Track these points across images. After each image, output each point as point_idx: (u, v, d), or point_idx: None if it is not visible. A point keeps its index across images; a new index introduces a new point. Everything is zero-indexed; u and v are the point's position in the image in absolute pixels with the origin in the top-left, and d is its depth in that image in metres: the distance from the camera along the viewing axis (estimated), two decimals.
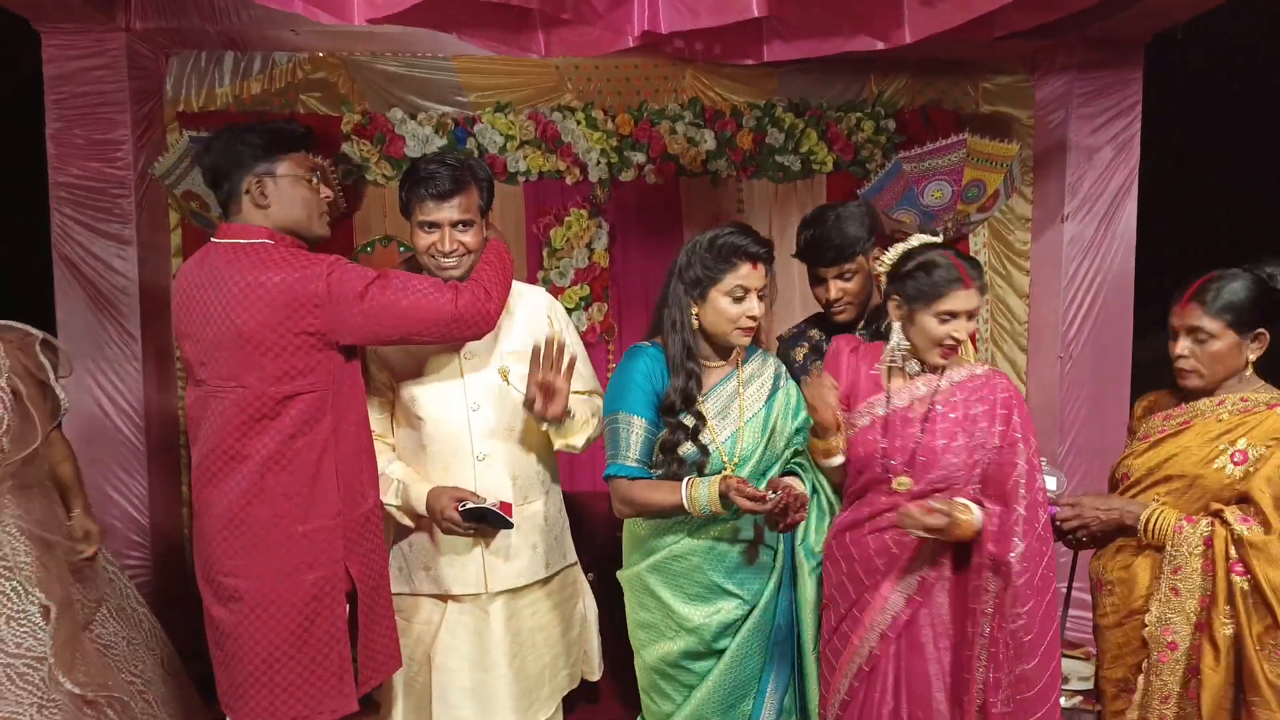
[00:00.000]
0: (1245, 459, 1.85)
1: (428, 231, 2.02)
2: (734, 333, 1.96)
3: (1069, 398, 3.66)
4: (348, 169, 3.41)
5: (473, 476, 2.09)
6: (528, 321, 2.18)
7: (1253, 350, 1.90)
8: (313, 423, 1.87)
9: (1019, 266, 3.80)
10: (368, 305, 1.85)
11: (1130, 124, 3.58)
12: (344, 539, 1.92)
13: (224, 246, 1.88)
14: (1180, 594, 1.86)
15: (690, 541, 1.99)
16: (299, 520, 1.87)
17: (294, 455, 1.86)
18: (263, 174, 1.88)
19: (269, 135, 1.90)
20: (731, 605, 1.99)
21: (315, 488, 1.88)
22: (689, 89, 3.54)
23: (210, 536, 1.89)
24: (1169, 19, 3.29)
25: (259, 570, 1.86)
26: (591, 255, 3.49)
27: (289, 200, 1.90)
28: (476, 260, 2.07)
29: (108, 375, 3.33)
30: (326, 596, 1.89)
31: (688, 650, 2.00)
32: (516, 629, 2.15)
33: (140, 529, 3.38)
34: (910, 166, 3.27)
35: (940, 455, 1.83)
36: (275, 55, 3.45)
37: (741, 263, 1.92)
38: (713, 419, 1.99)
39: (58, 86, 3.23)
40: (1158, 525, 1.87)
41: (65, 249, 3.29)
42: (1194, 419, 1.95)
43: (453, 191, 1.98)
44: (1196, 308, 1.89)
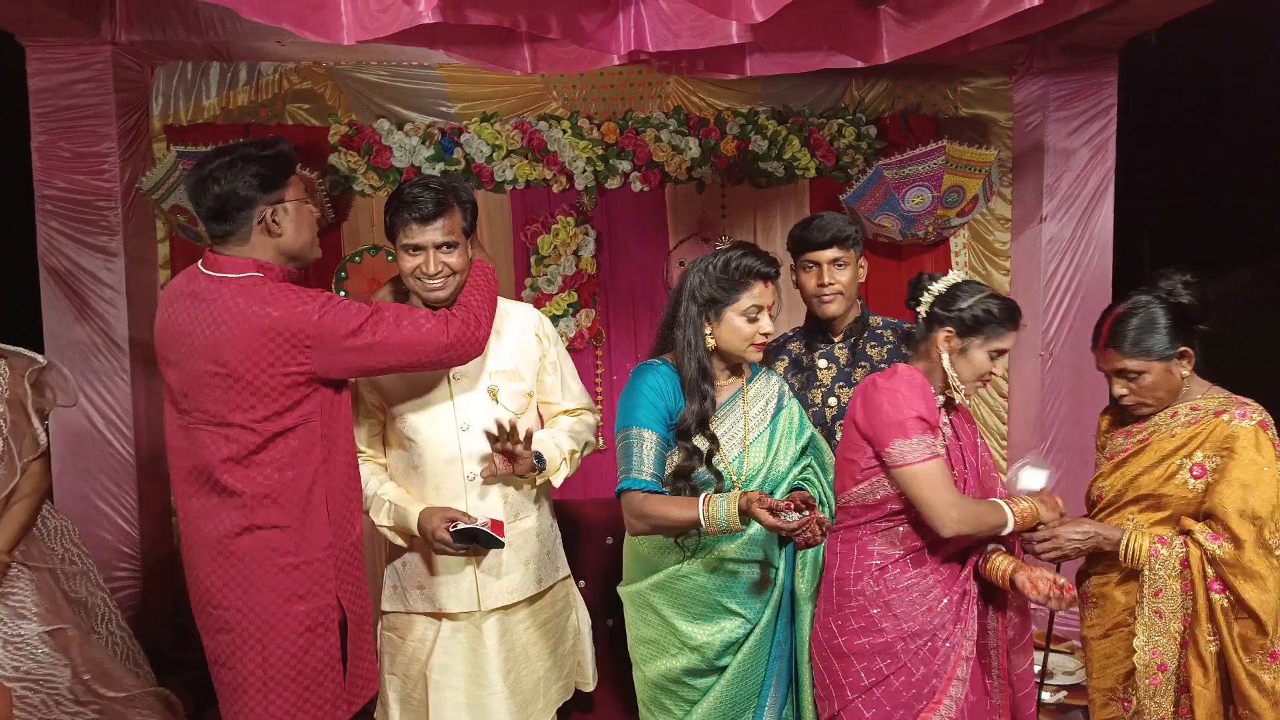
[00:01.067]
0: (1204, 471, 1.88)
1: (412, 254, 2.02)
2: (749, 350, 2.00)
3: (1050, 395, 3.72)
4: (335, 180, 3.42)
5: (464, 496, 2.11)
6: (517, 340, 2.20)
7: (1183, 368, 1.92)
8: (304, 455, 1.86)
9: (999, 266, 3.85)
10: (360, 343, 1.84)
11: (1106, 126, 3.65)
12: (335, 569, 1.91)
13: (213, 279, 1.84)
14: (1164, 616, 1.87)
15: (695, 561, 2.00)
16: (291, 553, 1.85)
17: (285, 488, 1.84)
18: (276, 203, 1.86)
19: (273, 161, 1.86)
20: (734, 624, 2.00)
21: (307, 520, 1.86)
22: (673, 97, 3.58)
23: (200, 568, 1.87)
24: (1138, 28, 3.37)
25: (250, 602, 1.84)
26: (579, 262, 3.52)
27: (300, 224, 1.89)
28: (463, 281, 2.07)
29: (95, 387, 3.33)
30: (320, 627, 1.89)
31: (690, 667, 2.02)
32: (510, 644, 2.17)
33: (130, 541, 3.38)
34: (891, 173, 3.33)
35: (988, 472, 1.95)
36: (261, 66, 3.46)
37: (755, 283, 1.97)
38: (721, 439, 2.02)
39: (43, 99, 3.23)
40: (1133, 551, 1.89)
41: (52, 261, 3.29)
42: (1151, 435, 1.97)
43: (436, 214, 1.99)
44: (1114, 353, 1.92)
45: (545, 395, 2.27)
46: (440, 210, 1.99)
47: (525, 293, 3.54)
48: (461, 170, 3.45)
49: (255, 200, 1.83)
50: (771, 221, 3.69)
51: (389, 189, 3.45)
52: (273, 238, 1.86)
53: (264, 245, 1.86)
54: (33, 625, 2.24)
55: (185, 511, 1.89)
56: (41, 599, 2.29)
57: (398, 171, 3.44)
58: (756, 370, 2.13)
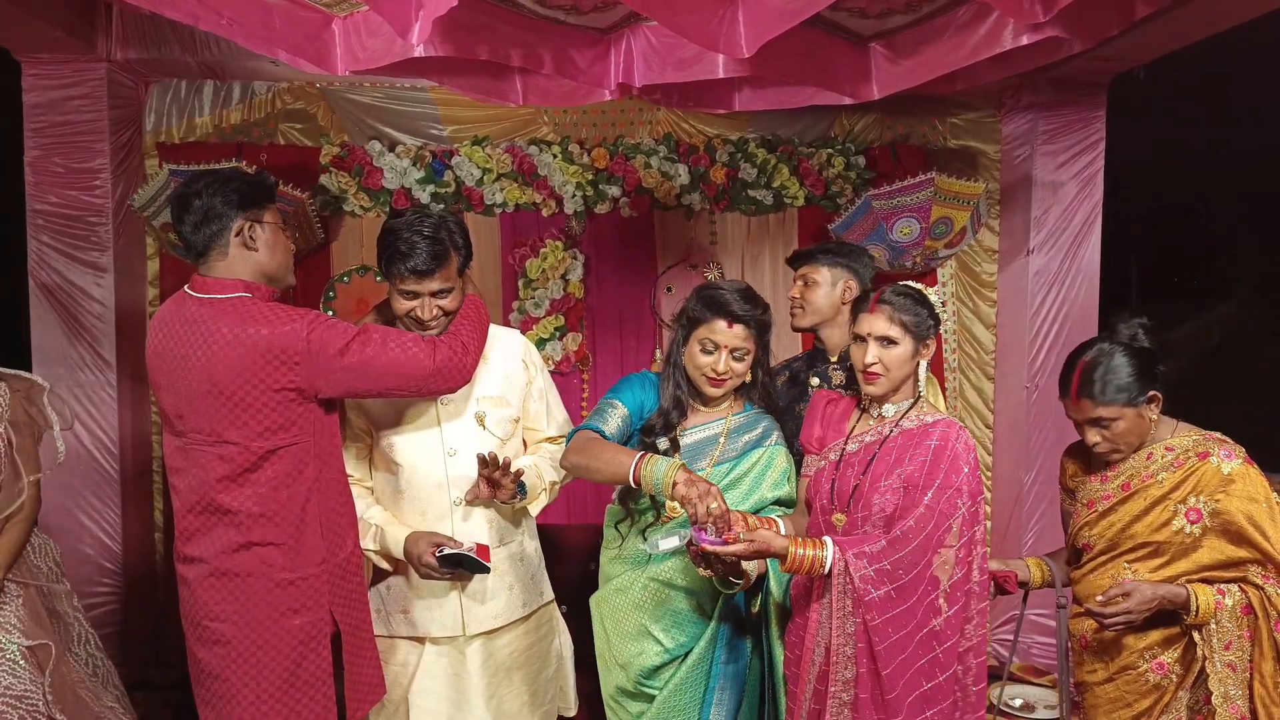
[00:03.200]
0: (1200, 516, 1.87)
1: (408, 299, 2.03)
2: (701, 379, 2.04)
3: (1035, 427, 3.73)
4: (326, 200, 3.44)
5: (450, 520, 2.12)
6: (503, 366, 2.21)
7: (1152, 412, 1.91)
8: (296, 474, 1.89)
9: (985, 298, 3.87)
10: (348, 362, 1.87)
11: (1094, 160, 3.68)
12: (329, 585, 1.94)
13: (201, 301, 1.88)
14: (1237, 669, 1.85)
15: (629, 575, 2.06)
16: (286, 568, 1.89)
17: (279, 507, 1.88)
18: (253, 219, 1.90)
19: (254, 184, 1.93)
20: (655, 650, 2.02)
21: (301, 537, 1.90)
22: (663, 124, 3.61)
23: (196, 584, 1.91)
24: (1127, 64, 3.41)
25: (246, 616, 1.88)
26: (566, 286, 3.53)
27: (274, 246, 1.93)
28: (454, 316, 2.10)
29: (82, 402, 3.33)
30: (312, 641, 1.91)
31: (620, 687, 2.08)
32: (494, 669, 2.16)
33: (113, 556, 3.36)
34: (880, 203, 3.36)
35: (868, 495, 1.86)
36: (255, 85, 3.49)
37: (716, 318, 1.99)
38: (685, 453, 2.06)
39: (37, 115, 3.25)
40: (1203, 607, 1.85)
41: (42, 275, 3.30)
42: (1131, 480, 1.95)
43: (433, 269, 1.98)
44: (1087, 402, 1.90)
45: (530, 422, 2.28)
46: (437, 264, 1.98)
47: (513, 315, 3.56)
48: (451, 192, 3.48)
49: (233, 215, 1.87)
50: (760, 249, 3.71)
51: (379, 210, 3.48)
52: (248, 252, 1.90)
53: (243, 263, 1.90)
54: (15, 640, 2.24)
55: (183, 530, 1.92)
56: (26, 615, 2.30)
57: (388, 193, 3.46)
58: (750, 408, 2.14)
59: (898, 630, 1.77)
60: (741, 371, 2.03)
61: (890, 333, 1.86)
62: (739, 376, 2.04)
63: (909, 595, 1.77)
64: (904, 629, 1.77)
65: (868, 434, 1.93)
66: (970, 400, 3.91)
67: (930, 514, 1.78)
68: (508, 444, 2.19)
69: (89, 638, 2.63)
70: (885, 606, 1.77)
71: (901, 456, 1.85)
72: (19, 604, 2.30)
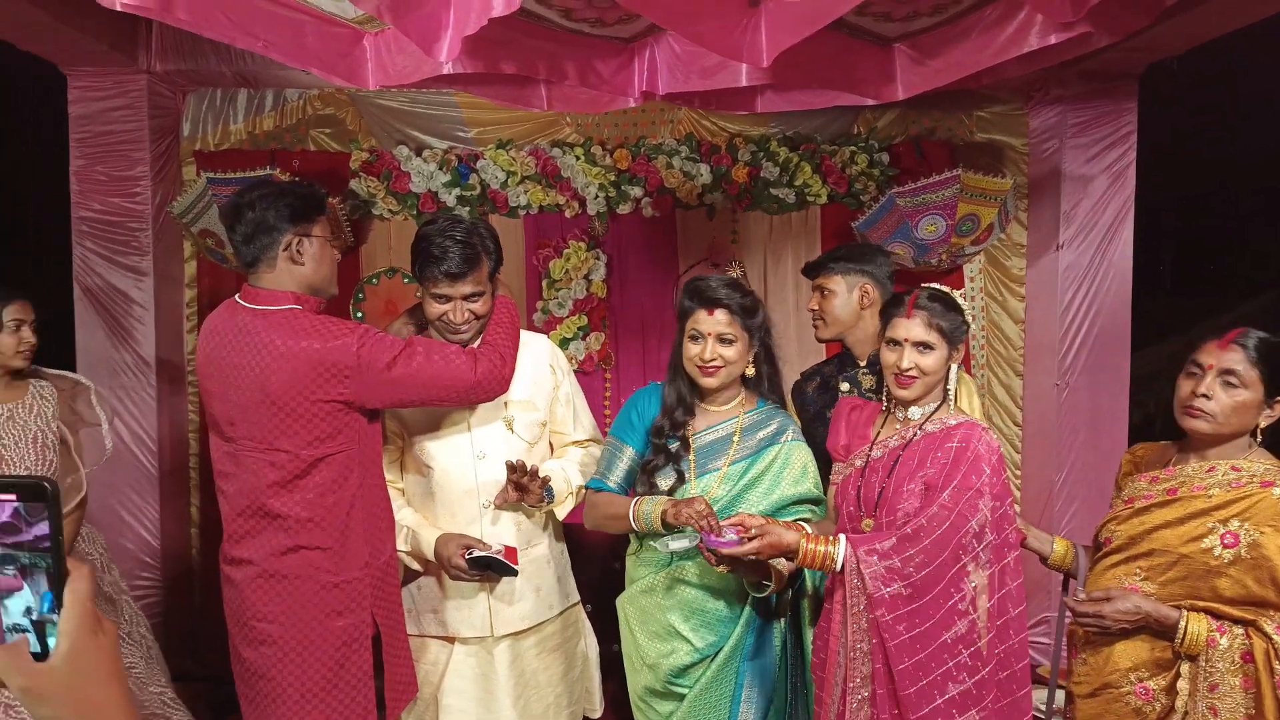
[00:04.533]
0: (1237, 542, 1.72)
1: (440, 302, 2.09)
2: (694, 371, 2.08)
3: (1065, 426, 3.68)
4: (355, 204, 3.51)
5: (479, 523, 2.16)
6: (531, 371, 2.25)
7: (1266, 418, 1.78)
8: (342, 481, 1.96)
9: (1014, 293, 3.82)
10: (395, 374, 1.93)
11: (1125, 153, 3.61)
12: (371, 588, 2.01)
13: (254, 312, 1.94)
14: (1219, 714, 1.71)
15: (653, 578, 2.08)
16: (331, 572, 1.96)
17: (325, 512, 1.95)
18: (302, 233, 1.96)
19: (304, 198, 1.98)
20: (684, 650, 2.04)
21: (346, 542, 1.97)
22: (685, 124, 3.62)
23: (243, 585, 1.98)
24: (1158, 54, 3.34)
25: (293, 617, 1.95)
26: (589, 286, 3.57)
27: (321, 259, 1.99)
28: (485, 321, 2.16)
29: (124, 401, 3.44)
30: (355, 642, 1.99)
31: (649, 687, 2.09)
32: (521, 669, 2.21)
33: (151, 551, 3.48)
34: (904, 201, 3.34)
35: (892, 500, 1.86)
36: (287, 92, 3.57)
37: (698, 307, 2.05)
38: (698, 455, 2.08)
39: (82, 125, 3.37)
40: (1193, 636, 1.73)
41: (86, 280, 3.42)
42: (1181, 486, 1.82)
43: (465, 272, 2.04)
44: (1238, 351, 1.75)
45: (557, 425, 2.32)
46: (469, 267, 2.04)
47: (536, 315, 3.60)
48: (477, 195, 3.53)
49: (283, 229, 1.94)
50: (782, 247, 3.71)
51: (407, 213, 3.55)
52: (295, 266, 1.96)
53: (289, 275, 1.96)
54: None
55: (231, 532, 2.00)
56: None
57: (415, 196, 3.52)
58: (763, 404, 2.15)
59: (910, 628, 1.76)
60: (732, 358, 2.03)
61: (928, 338, 1.85)
62: (731, 364, 2.04)
63: (923, 593, 1.77)
64: (918, 627, 1.76)
65: (892, 438, 1.92)
66: (999, 397, 3.88)
67: (946, 513, 1.76)
68: (535, 447, 2.24)
69: (139, 619, 2.76)
70: (896, 604, 1.77)
71: (924, 459, 1.84)
72: None
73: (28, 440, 2.40)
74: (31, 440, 2.41)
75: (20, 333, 2.41)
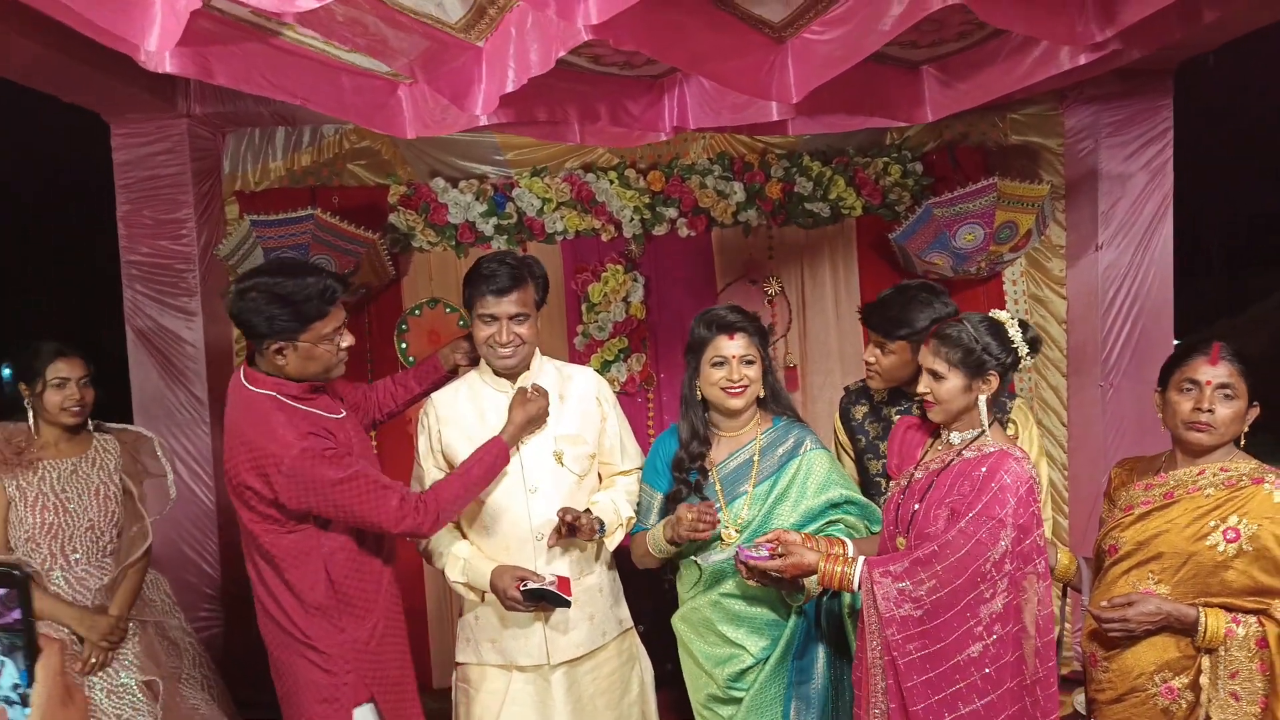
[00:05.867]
0: (1238, 536, 1.84)
1: (487, 324, 2.18)
2: (721, 395, 2.14)
3: (1111, 426, 3.64)
4: (395, 237, 3.57)
5: (533, 554, 2.22)
6: (578, 405, 2.32)
7: (1249, 419, 1.91)
8: (302, 557, 2.06)
9: (1058, 294, 3.78)
10: (329, 495, 2.00)
11: (1162, 150, 3.56)
12: (354, 659, 2.11)
13: (239, 384, 2.07)
14: (1240, 699, 1.83)
15: (702, 596, 2.18)
16: (300, 638, 2.09)
17: (291, 584, 2.06)
18: (284, 345, 2.02)
19: (298, 309, 1.99)
20: (739, 656, 2.13)
21: (308, 615, 2.08)
22: (717, 142, 3.63)
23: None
24: (1194, 50, 3.29)
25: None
26: (629, 308, 3.59)
27: (305, 362, 2.05)
28: (530, 351, 2.25)
29: (179, 439, 3.54)
30: (334, 702, 2.09)
31: (711, 694, 2.19)
32: (578, 696, 2.26)
33: (212, 583, 3.57)
34: (941, 211, 3.32)
35: (921, 522, 1.89)
36: (324, 128, 3.63)
37: (718, 334, 2.14)
38: (724, 483, 2.15)
39: (126, 171, 3.46)
40: (1212, 631, 1.84)
41: (137, 321, 3.51)
42: (1176, 489, 1.93)
43: (511, 288, 2.15)
44: (1227, 364, 1.87)
45: (605, 457, 2.38)
46: (515, 284, 2.16)
47: (577, 340, 3.64)
48: (514, 224, 3.57)
49: (264, 335, 2.01)
50: (819, 262, 3.71)
51: (446, 244, 3.60)
52: (280, 363, 2.04)
53: (275, 367, 2.05)
54: (132, 676, 2.45)
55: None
56: (141, 651, 2.51)
57: (454, 227, 3.57)
58: (778, 421, 2.21)
59: (921, 649, 1.81)
60: (755, 377, 2.14)
61: (935, 367, 1.89)
62: (755, 383, 2.14)
63: (935, 616, 1.80)
64: (928, 648, 1.80)
65: (934, 461, 1.96)
66: (1047, 399, 3.85)
67: (964, 539, 1.78)
68: (585, 480, 2.28)
69: (201, 660, 2.83)
70: (907, 624, 1.81)
71: (954, 485, 1.87)
72: (135, 641, 2.51)
73: (90, 493, 2.48)
74: (95, 493, 2.49)
75: (65, 390, 2.45)
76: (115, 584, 2.50)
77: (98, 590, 2.47)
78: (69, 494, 2.45)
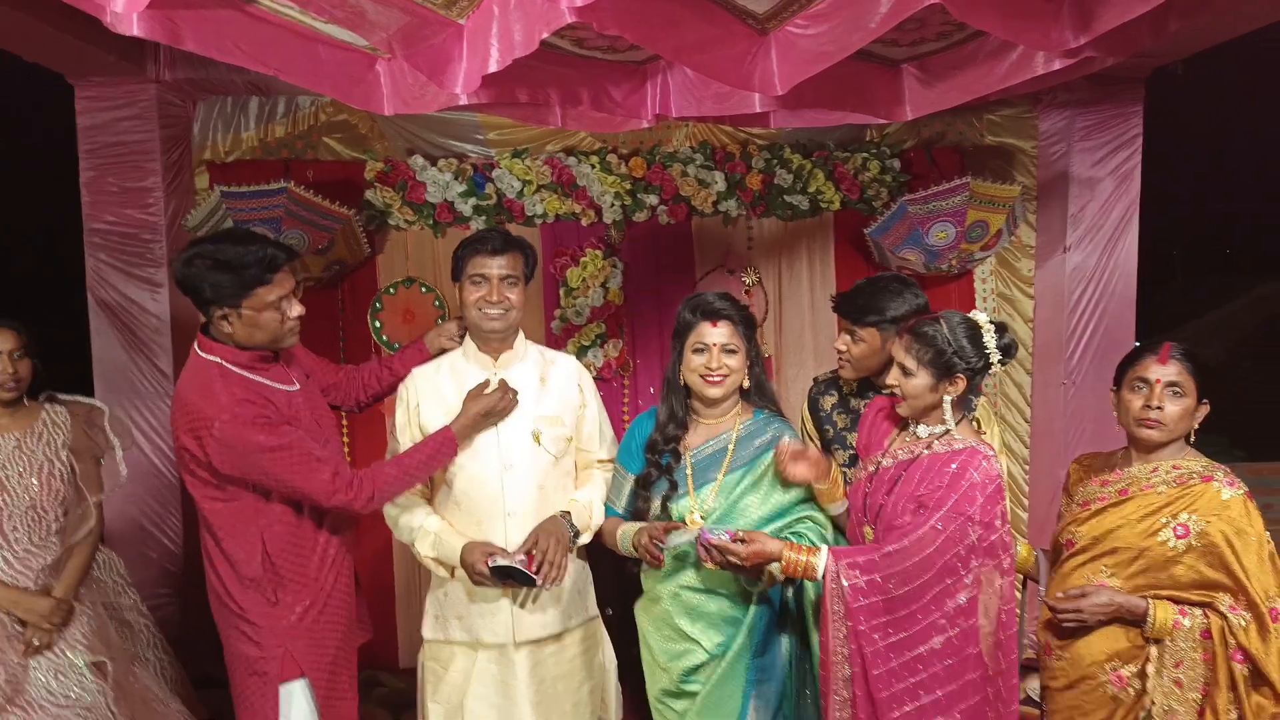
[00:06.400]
0: (1188, 532, 1.91)
1: (477, 285, 2.21)
2: (702, 384, 2.13)
3: (1072, 422, 3.74)
4: (371, 214, 3.52)
5: (503, 531, 2.22)
6: (559, 388, 2.33)
7: (1198, 417, 1.97)
8: (239, 527, 2.05)
9: (1025, 293, 3.86)
10: (258, 462, 1.99)
11: (1131, 156, 3.65)
12: (285, 635, 2.09)
13: (194, 353, 2.06)
14: (1184, 686, 1.91)
15: (660, 587, 2.18)
16: (234, 610, 2.09)
17: (228, 554, 2.07)
18: (228, 311, 2.00)
19: (239, 276, 1.97)
20: (695, 651, 2.12)
21: (243, 587, 2.07)
22: (699, 131, 3.63)
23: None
24: (1165, 59, 3.37)
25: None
26: (606, 294, 3.59)
27: (252, 330, 2.03)
28: (517, 321, 2.27)
29: (141, 412, 3.46)
30: (263, 675, 2.09)
31: (665, 689, 2.18)
32: (541, 677, 2.27)
33: (175, 560, 3.52)
34: (915, 208, 3.37)
35: (889, 514, 1.92)
36: (299, 99, 3.56)
37: (702, 320, 2.13)
38: (696, 468, 2.15)
39: (91, 136, 3.36)
40: (1161, 622, 1.91)
41: (100, 292, 3.42)
42: (1130, 486, 1.99)
43: (503, 250, 2.21)
44: (1176, 364, 1.93)
45: (583, 444, 2.39)
46: (507, 247, 2.23)
47: (554, 324, 3.62)
48: (493, 205, 3.54)
49: (209, 302, 2.00)
50: (796, 254, 3.74)
51: (423, 223, 3.56)
52: (227, 331, 2.02)
53: (223, 334, 2.03)
54: (81, 656, 2.39)
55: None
56: (90, 631, 2.45)
57: (431, 206, 3.53)
58: (759, 414, 2.20)
59: (885, 638, 1.85)
60: (736, 367, 2.12)
61: (905, 362, 1.92)
62: (736, 373, 2.12)
63: (901, 608, 1.84)
64: (892, 637, 1.84)
65: (902, 451, 1.98)
66: (1010, 395, 3.93)
67: (934, 535, 1.81)
68: (560, 461, 2.30)
69: (156, 642, 2.78)
70: (873, 614, 1.85)
71: (923, 479, 1.90)
72: (85, 621, 2.44)
73: (34, 470, 2.39)
74: (39, 470, 2.40)
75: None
76: (60, 564, 2.44)
77: (41, 570, 2.39)
78: (9, 471, 2.36)
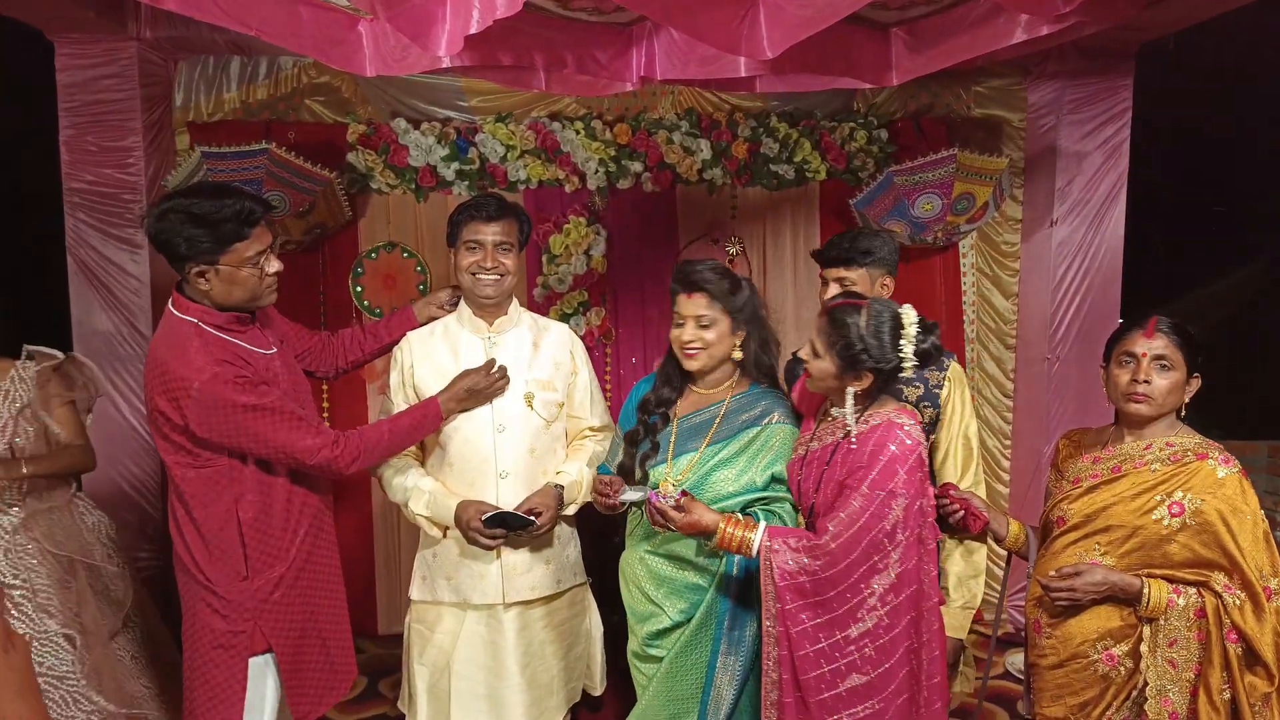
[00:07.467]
0: (1182, 510, 1.88)
1: (471, 250, 2.24)
2: (681, 355, 2.12)
3: (1055, 398, 3.75)
4: (353, 178, 3.49)
5: (495, 492, 2.25)
6: (552, 354, 2.37)
7: (1188, 392, 1.94)
8: (211, 496, 2.01)
9: (1005, 267, 3.87)
10: (240, 422, 1.94)
11: (1120, 130, 3.63)
12: (254, 608, 2.05)
13: (168, 312, 2.01)
14: (1178, 666, 1.88)
15: (631, 551, 2.21)
16: (201, 582, 2.03)
17: (198, 523, 2.01)
18: (204, 268, 1.95)
19: (216, 230, 1.92)
20: (659, 616, 2.13)
21: (212, 558, 2.01)
22: (685, 98, 3.60)
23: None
24: (1155, 33, 3.34)
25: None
26: (590, 261, 3.57)
27: (229, 288, 1.98)
28: (510, 287, 2.30)
29: (120, 373, 3.44)
30: (230, 649, 2.03)
31: (635, 650, 2.20)
32: (528, 640, 2.30)
33: (154, 524, 3.51)
34: (902, 179, 3.35)
35: (813, 497, 1.92)
36: (281, 60, 3.51)
37: (679, 290, 2.11)
38: (681, 435, 2.12)
39: (71, 94, 3.31)
40: (1155, 601, 1.88)
41: (80, 253, 3.39)
42: (1123, 463, 1.96)
43: (499, 216, 2.25)
44: (1163, 337, 1.90)
45: (575, 411, 2.41)
46: (502, 213, 2.26)
47: (537, 291, 3.61)
48: (476, 169, 3.51)
49: (185, 258, 1.94)
50: (781, 224, 3.72)
51: (405, 188, 3.53)
52: (204, 290, 1.98)
53: (199, 292, 1.99)
54: (55, 623, 2.37)
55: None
56: (66, 597, 2.42)
57: (414, 170, 3.50)
58: (754, 388, 2.16)
59: (813, 618, 1.82)
60: (712, 340, 2.06)
61: (816, 342, 1.90)
62: (711, 346, 2.07)
63: (828, 588, 1.81)
64: (820, 618, 1.82)
65: (826, 433, 1.98)
66: (989, 370, 3.94)
67: (860, 514, 1.80)
68: (552, 425, 2.32)
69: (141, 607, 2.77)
70: (801, 593, 1.82)
71: (844, 460, 1.88)
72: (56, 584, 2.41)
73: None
74: (1, 429, 2.39)
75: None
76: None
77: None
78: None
